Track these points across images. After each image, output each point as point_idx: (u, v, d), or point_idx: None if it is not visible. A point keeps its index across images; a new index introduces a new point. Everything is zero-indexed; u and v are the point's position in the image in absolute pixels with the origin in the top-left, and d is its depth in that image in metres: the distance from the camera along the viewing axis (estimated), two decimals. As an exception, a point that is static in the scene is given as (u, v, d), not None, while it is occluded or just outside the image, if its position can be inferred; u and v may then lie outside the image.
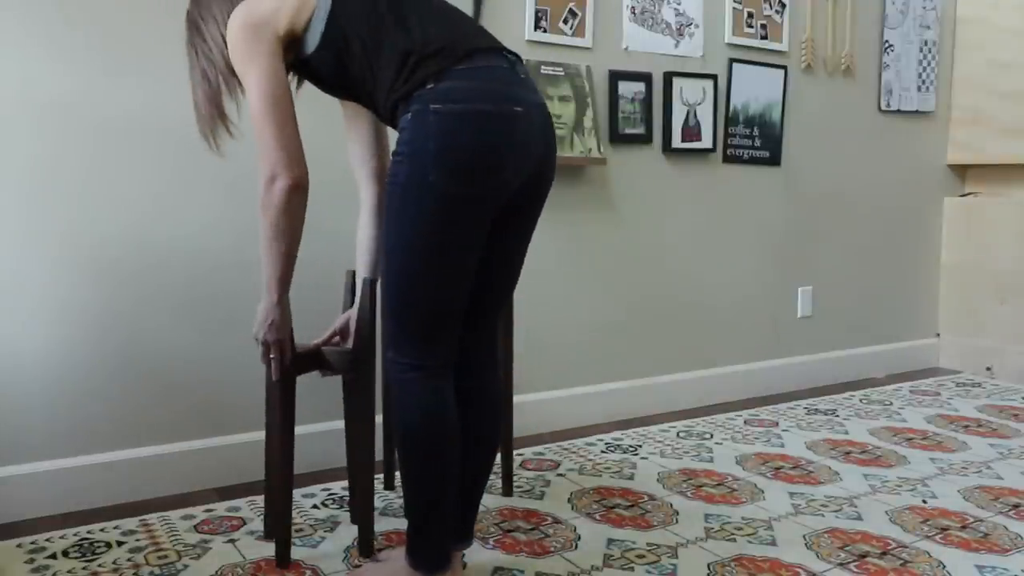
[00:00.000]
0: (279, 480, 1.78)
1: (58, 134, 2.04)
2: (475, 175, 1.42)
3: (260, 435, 2.02)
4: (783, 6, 3.21)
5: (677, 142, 2.99)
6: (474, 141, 1.41)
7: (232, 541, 1.91)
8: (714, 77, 3.05)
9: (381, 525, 1.99)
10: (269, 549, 1.84)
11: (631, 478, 2.33)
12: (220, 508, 2.10)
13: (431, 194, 1.41)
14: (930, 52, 3.67)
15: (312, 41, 1.52)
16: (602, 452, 2.57)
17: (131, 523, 2.01)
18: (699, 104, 3.03)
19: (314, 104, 2.36)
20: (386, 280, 1.50)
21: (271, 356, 1.65)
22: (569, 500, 2.16)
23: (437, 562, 1.60)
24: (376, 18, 1.49)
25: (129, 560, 1.81)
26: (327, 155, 2.38)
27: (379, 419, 2.32)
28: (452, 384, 1.55)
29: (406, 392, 1.52)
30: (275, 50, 1.50)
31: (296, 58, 1.56)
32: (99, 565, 1.79)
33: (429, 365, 1.51)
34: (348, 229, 2.42)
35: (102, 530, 1.97)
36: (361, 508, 1.83)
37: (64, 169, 2.06)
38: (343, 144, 2.39)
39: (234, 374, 2.28)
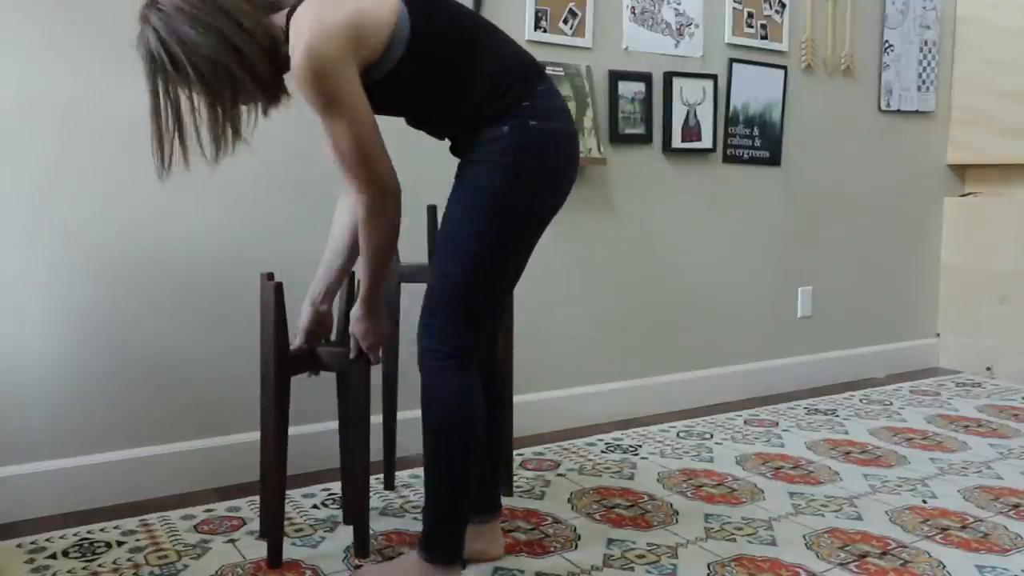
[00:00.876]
0: (273, 480, 1.78)
1: (59, 135, 2.04)
2: (558, 188, 1.59)
3: (258, 435, 2.02)
4: (783, 6, 3.21)
5: (677, 142, 2.99)
6: (560, 157, 1.59)
7: (232, 541, 1.91)
8: (714, 77, 3.05)
9: (381, 525, 1.99)
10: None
11: (631, 478, 2.33)
12: (220, 508, 2.10)
13: (520, 202, 1.54)
14: (930, 52, 3.67)
15: (385, 66, 1.50)
16: (602, 452, 2.57)
17: (131, 523, 2.01)
18: (699, 104, 3.03)
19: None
20: (448, 273, 1.56)
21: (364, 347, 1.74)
22: (569, 500, 2.16)
23: (454, 553, 1.64)
24: (459, 39, 1.54)
25: (129, 560, 1.81)
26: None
27: (376, 419, 2.32)
28: (479, 375, 1.63)
29: (442, 380, 1.59)
30: (357, 79, 1.46)
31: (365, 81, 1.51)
32: (99, 565, 1.79)
33: (467, 357, 1.59)
34: (348, 229, 2.42)
35: (102, 530, 1.97)
36: (356, 508, 1.83)
37: (65, 170, 2.06)
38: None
39: (234, 374, 2.28)
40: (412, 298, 2.39)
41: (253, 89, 1.52)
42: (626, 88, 2.86)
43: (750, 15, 3.13)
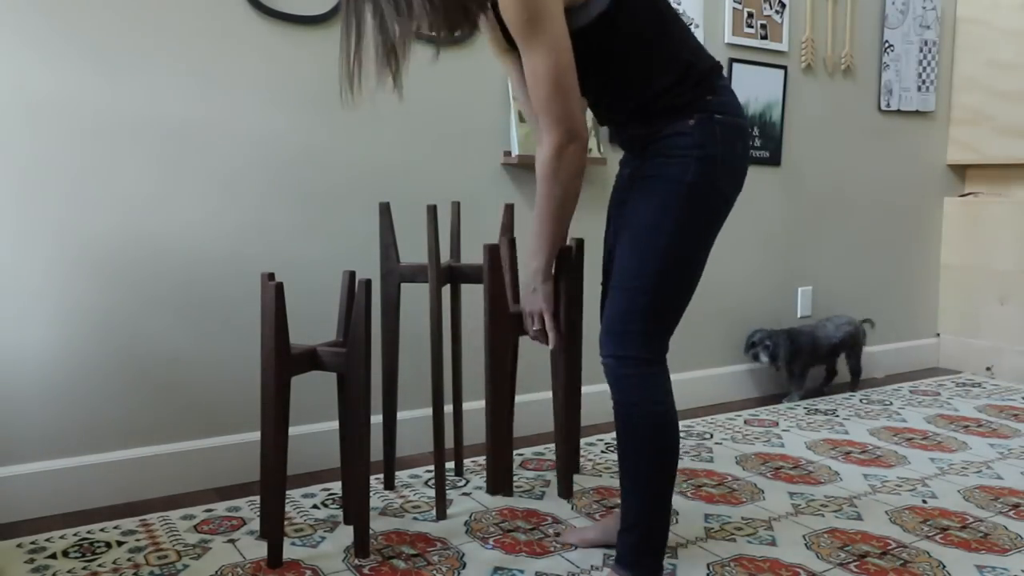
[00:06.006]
0: (273, 480, 1.78)
1: (49, 133, 2.03)
2: (740, 182, 1.59)
3: (259, 435, 2.02)
4: (783, 6, 3.21)
5: (677, 142, 2.98)
6: (742, 151, 1.58)
7: (232, 541, 1.91)
8: (714, 77, 3.04)
9: (381, 525, 1.99)
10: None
11: (631, 478, 2.33)
12: (220, 508, 2.10)
13: (716, 197, 1.54)
14: (930, 52, 3.67)
15: (582, 18, 1.47)
16: (602, 452, 2.57)
17: (131, 523, 2.01)
18: (699, 104, 3.02)
19: (313, 104, 2.36)
20: (653, 273, 1.51)
21: (534, 328, 1.65)
22: (569, 500, 2.16)
23: (661, 565, 1.62)
24: (653, 18, 1.52)
25: (129, 560, 1.81)
26: (327, 155, 2.38)
27: (376, 419, 2.32)
28: None
29: (653, 387, 1.55)
30: (562, 10, 1.42)
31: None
32: (99, 565, 1.79)
33: (663, 360, 1.57)
34: (347, 230, 2.42)
35: (102, 530, 1.97)
36: (356, 508, 1.83)
37: (56, 168, 2.05)
38: (345, 145, 2.39)
39: (234, 374, 2.28)
40: (414, 298, 2.39)
41: (435, 10, 1.45)
42: (626, 88, 2.86)
43: (750, 15, 3.13)
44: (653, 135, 1.54)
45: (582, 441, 2.67)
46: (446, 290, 2.29)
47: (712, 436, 2.74)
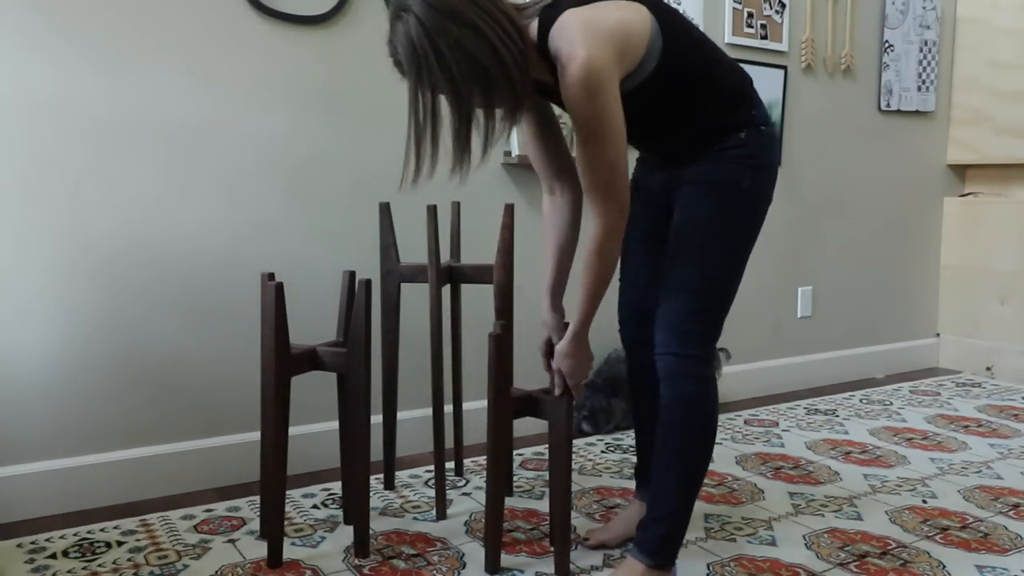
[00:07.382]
0: (273, 480, 1.78)
1: (52, 134, 2.03)
2: (775, 184, 1.68)
3: (259, 435, 2.02)
4: (783, 6, 3.21)
5: (677, 142, 2.98)
6: (777, 157, 1.72)
7: (232, 541, 1.91)
8: (714, 77, 3.04)
9: (381, 525, 1.99)
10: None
11: (631, 478, 2.33)
12: (220, 508, 2.10)
13: (764, 201, 1.65)
14: (930, 52, 3.67)
15: (637, 78, 1.49)
16: (602, 452, 2.57)
17: (131, 523, 2.01)
18: (699, 104, 3.02)
19: (315, 104, 2.36)
20: (713, 276, 1.60)
21: (568, 386, 1.71)
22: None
23: (674, 558, 1.67)
24: (696, 52, 1.57)
25: (129, 560, 1.81)
26: (327, 156, 2.38)
27: (376, 419, 2.32)
28: None
29: (710, 387, 1.62)
30: (619, 93, 1.45)
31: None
32: (99, 565, 1.79)
33: (713, 361, 1.65)
34: (347, 230, 2.43)
35: (102, 530, 1.97)
36: (356, 508, 1.83)
37: (58, 170, 2.05)
38: (345, 146, 2.39)
39: (234, 374, 2.28)
40: (413, 299, 2.40)
41: (504, 93, 1.43)
42: (626, 88, 2.86)
43: (750, 15, 3.13)
44: (704, 149, 1.59)
45: (581, 441, 2.67)
46: (446, 290, 2.29)
47: (712, 436, 2.73)
